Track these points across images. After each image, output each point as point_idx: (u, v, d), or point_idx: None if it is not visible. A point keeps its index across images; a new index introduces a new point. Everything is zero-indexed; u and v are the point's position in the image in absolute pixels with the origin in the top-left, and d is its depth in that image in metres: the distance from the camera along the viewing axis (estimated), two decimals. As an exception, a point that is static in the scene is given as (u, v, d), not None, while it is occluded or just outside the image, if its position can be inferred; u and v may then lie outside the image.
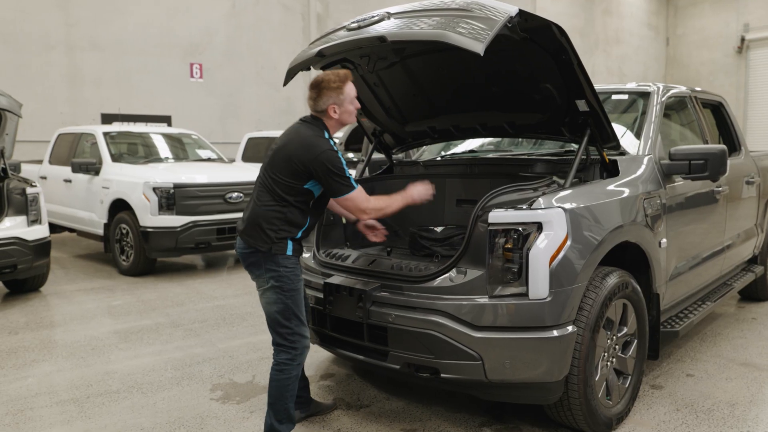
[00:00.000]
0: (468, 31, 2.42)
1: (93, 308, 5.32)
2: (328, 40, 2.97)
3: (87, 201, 7.37)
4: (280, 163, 2.71)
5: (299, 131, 2.74)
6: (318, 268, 3.22)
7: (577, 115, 3.00)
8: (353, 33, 2.82)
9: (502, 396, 2.76)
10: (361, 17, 2.86)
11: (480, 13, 2.49)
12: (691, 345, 4.16)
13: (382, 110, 3.74)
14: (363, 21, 2.82)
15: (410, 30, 2.59)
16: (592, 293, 2.69)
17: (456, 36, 2.42)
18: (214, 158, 8.19)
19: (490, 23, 2.42)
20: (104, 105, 11.24)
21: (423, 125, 3.81)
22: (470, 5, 2.54)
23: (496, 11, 2.48)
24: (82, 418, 3.12)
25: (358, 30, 2.80)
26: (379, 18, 2.76)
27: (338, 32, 2.96)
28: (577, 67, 2.76)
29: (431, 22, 2.55)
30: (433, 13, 2.62)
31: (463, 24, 2.45)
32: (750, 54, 19.67)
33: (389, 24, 2.70)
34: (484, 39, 2.37)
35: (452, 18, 2.52)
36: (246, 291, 5.96)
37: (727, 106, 4.93)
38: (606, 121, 2.97)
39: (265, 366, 3.83)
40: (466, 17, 2.49)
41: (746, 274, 4.83)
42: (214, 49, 12.49)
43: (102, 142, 7.41)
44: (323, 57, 3.01)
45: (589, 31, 19.71)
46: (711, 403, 3.21)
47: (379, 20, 2.76)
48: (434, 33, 2.49)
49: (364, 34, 2.74)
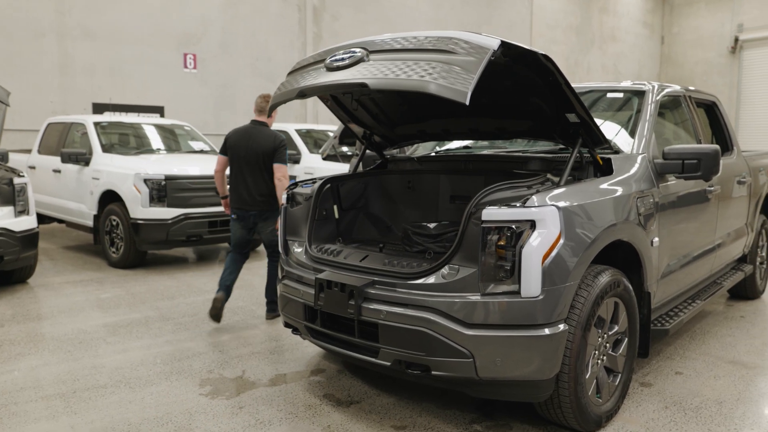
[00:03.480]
0: (450, 77, 2.38)
1: (81, 301, 5.28)
2: (310, 76, 2.92)
3: (76, 192, 7.30)
4: (260, 153, 4.48)
5: (261, 131, 4.61)
6: (310, 263, 3.19)
7: (567, 124, 3.02)
8: (333, 75, 2.76)
9: (493, 393, 2.76)
10: (339, 54, 2.79)
11: (461, 52, 2.44)
12: (681, 343, 4.17)
13: (369, 116, 3.73)
14: (342, 60, 2.75)
15: (392, 78, 2.52)
16: (584, 291, 2.68)
17: (438, 86, 2.38)
18: (207, 150, 8.13)
19: (471, 65, 2.39)
20: (96, 94, 11.12)
21: (413, 129, 3.80)
22: (449, 44, 2.48)
23: (476, 49, 2.43)
24: (68, 413, 3.09)
25: (337, 71, 2.75)
26: (359, 57, 2.70)
27: (318, 68, 2.90)
28: (565, 86, 2.76)
29: (413, 69, 2.49)
30: (413, 55, 2.56)
31: (445, 68, 2.42)
32: (743, 54, 19.75)
33: (369, 68, 2.63)
34: (468, 86, 2.33)
35: (433, 62, 2.47)
36: (237, 284, 5.89)
37: (720, 106, 4.94)
38: (596, 129, 2.97)
39: (254, 361, 3.82)
40: (447, 61, 2.44)
41: (736, 273, 4.85)
42: (209, 40, 12.39)
43: (92, 132, 7.34)
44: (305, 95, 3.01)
45: (585, 28, 19.72)
46: (699, 401, 3.22)
47: (358, 60, 2.69)
48: (416, 83, 2.44)
49: (345, 79, 2.69)
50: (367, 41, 2.76)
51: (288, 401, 3.22)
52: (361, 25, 14.58)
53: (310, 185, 3.57)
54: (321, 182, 3.53)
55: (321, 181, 3.54)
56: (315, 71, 2.90)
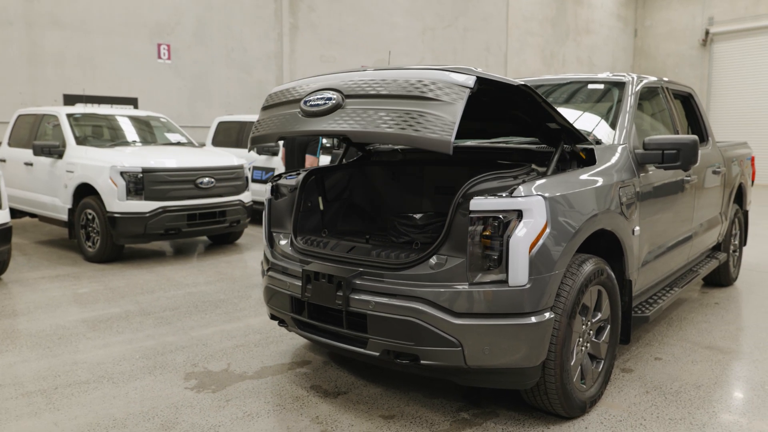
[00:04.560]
0: (431, 126, 2.40)
1: (58, 296, 5.18)
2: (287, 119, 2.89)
3: (50, 185, 7.14)
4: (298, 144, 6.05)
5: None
6: (296, 255, 3.18)
7: (548, 129, 3.08)
8: (313, 122, 2.74)
9: (481, 381, 2.79)
10: (314, 98, 2.76)
11: (438, 95, 2.45)
12: (659, 329, 4.27)
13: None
14: (318, 106, 2.73)
15: (372, 130, 2.53)
16: (569, 280, 2.73)
17: (421, 137, 2.40)
18: (183, 142, 8.01)
19: (450, 111, 2.40)
20: (66, 86, 10.86)
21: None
22: (424, 89, 2.49)
23: (452, 89, 2.45)
24: (50, 410, 3.03)
25: (315, 117, 2.73)
26: (336, 103, 2.68)
27: (294, 111, 2.87)
28: (544, 104, 2.79)
29: (392, 119, 2.50)
30: (390, 103, 2.55)
31: (424, 117, 2.43)
32: (714, 47, 20.13)
33: (349, 117, 2.62)
34: (450, 134, 2.35)
35: (411, 110, 2.48)
36: (218, 278, 5.88)
37: (696, 97, 5.04)
38: (576, 132, 3.02)
39: (240, 354, 3.79)
40: (425, 108, 2.45)
41: (711, 261, 4.98)
42: (183, 30, 12.18)
43: (66, 124, 7.17)
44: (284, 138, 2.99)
45: (560, 20, 19.88)
46: (678, 385, 3.30)
47: (335, 106, 2.68)
48: (398, 136, 2.46)
49: (327, 129, 2.68)
50: (339, 83, 2.75)
51: (275, 393, 3.21)
52: (338, 16, 14.49)
53: (295, 176, 3.55)
54: (305, 174, 3.51)
55: (305, 173, 3.52)
56: (292, 115, 2.88)
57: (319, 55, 14.30)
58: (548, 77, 4.42)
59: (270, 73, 13.52)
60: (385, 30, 15.46)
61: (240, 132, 9.86)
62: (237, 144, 9.77)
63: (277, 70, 13.62)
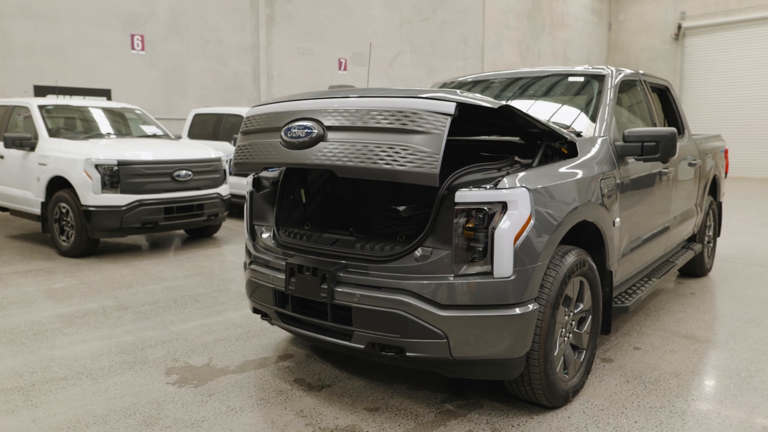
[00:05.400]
0: (417, 159, 2.43)
1: (32, 291, 5.06)
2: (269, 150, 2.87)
3: (21, 178, 6.97)
4: None
5: None
6: (279, 248, 3.15)
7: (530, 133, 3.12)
8: (296, 154, 2.72)
9: (466, 373, 2.80)
10: (295, 128, 2.74)
11: (421, 124, 2.47)
12: (637, 319, 4.34)
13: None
14: (299, 138, 2.72)
15: (359, 165, 2.54)
16: (553, 271, 2.75)
17: (406, 171, 2.44)
18: (159, 134, 7.88)
19: (433, 143, 2.43)
20: (37, 77, 10.59)
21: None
22: (406, 120, 2.50)
23: (434, 117, 2.46)
24: (28, 407, 2.96)
25: (298, 149, 2.72)
26: (318, 135, 2.67)
27: (274, 140, 2.85)
28: (524, 115, 2.80)
29: (377, 154, 2.50)
30: (373, 137, 2.55)
31: (408, 150, 2.45)
32: (686, 41, 20.48)
33: (333, 150, 2.61)
34: (435, 166, 2.40)
35: (395, 144, 2.49)
36: (197, 272, 5.80)
37: (672, 90, 5.11)
38: (558, 133, 3.04)
39: (221, 348, 3.75)
40: (409, 141, 2.46)
41: (687, 252, 5.07)
42: (157, 20, 11.96)
43: (37, 116, 6.99)
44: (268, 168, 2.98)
45: (536, 14, 20.01)
46: (658, 374, 3.36)
47: (318, 138, 2.67)
48: (384, 171, 2.49)
49: (313, 162, 2.67)
50: (317, 109, 2.73)
51: (258, 387, 3.19)
52: (315, 7, 14.36)
53: (276, 169, 3.51)
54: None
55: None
56: (273, 145, 2.86)
57: (296, 47, 14.17)
58: (528, 70, 4.44)
59: (246, 65, 13.36)
60: (363, 22, 15.39)
61: (216, 124, 9.73)
62: (214, 136, 9.64)
63: (253, 62, 13.46)
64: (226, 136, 9.41)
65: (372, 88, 2.82)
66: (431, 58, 17.09)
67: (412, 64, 16.60)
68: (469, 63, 18.09)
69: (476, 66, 18.26)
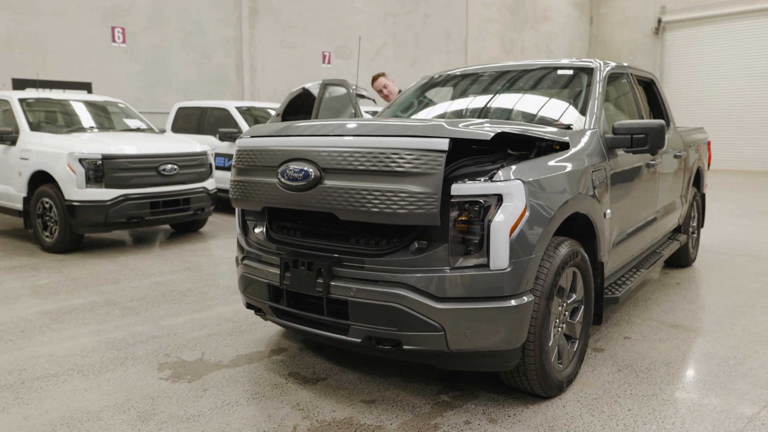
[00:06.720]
0: (417, 202, 2.48)
1: (16, 288, 4.98)
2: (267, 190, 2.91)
3: (2, 173, 6.84)
4: None
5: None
6: (272, 243, 3.13)
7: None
8: (296, 197, 2.77)
9: (462, 365, 2.81)
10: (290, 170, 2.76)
11: (417, 164, 2.50)
12: (626, 309, 4.40)
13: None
14: (296, 180, 2.75)
15: (361, 210, 2.59)
16: (547, 263, 2.77)
17: (408, 213, 2.49)
18: (144, 128, 7.78)
19: (431, 182, 2.48)
20: (15, 69, 10.39)
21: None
22: (402, 162, 2.52)
23: (429, 155, 2.50)
24: (19, 405, 2.92)
25: (297, 192, 2.76)
26: (315, 178, 2.70)
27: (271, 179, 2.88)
28: (520, 134, 2.83)
29: (378, 199, 2.54)
30: (370, 179, 2.58)
31: (408, 194, 2.49)
32: (666, 35, 20.72)
33: (332, 196, 2.66)
34: (435, 205, 2.46)
35: (393, 188, 2.52)
36: (184, 267, 5.75)
37: (658, 83, 5.17)
38: (549, 138, 3.06)
39: (213, 343, 3.73)
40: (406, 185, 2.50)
41: (672, 243, 5.15)
42: (138, 12, 11.78)
43: (18, 109, 6.86)
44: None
45: (519, 8, 20.07)
46: (648, 363, 3.41)
47: (315, 182, 2.70)
48: (385, 215, 2.54)
49: (314, 207, 2.73)
50: (314, 153, 2.73)
51: (253, 381, 3.18)
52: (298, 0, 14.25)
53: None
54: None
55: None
56: (271, 185, 2.89)
57: (279, 40, 14.06)
58: (516, 63, 4.46)
59: (229, 58, 13.23)
60: (346, 15, 15.31)
61: (200, 118, 9.64)
62: (198, 130, 9.55)
63: (236, 55, 13.33)
64: (210, 130, 9.32)
65: (366, 122, 2.85)
66: (414, 51, 17.07)
67: (396, 57, 16.57)
68: (452, 57, 18.10)
69: (459, 59, 18.28)
